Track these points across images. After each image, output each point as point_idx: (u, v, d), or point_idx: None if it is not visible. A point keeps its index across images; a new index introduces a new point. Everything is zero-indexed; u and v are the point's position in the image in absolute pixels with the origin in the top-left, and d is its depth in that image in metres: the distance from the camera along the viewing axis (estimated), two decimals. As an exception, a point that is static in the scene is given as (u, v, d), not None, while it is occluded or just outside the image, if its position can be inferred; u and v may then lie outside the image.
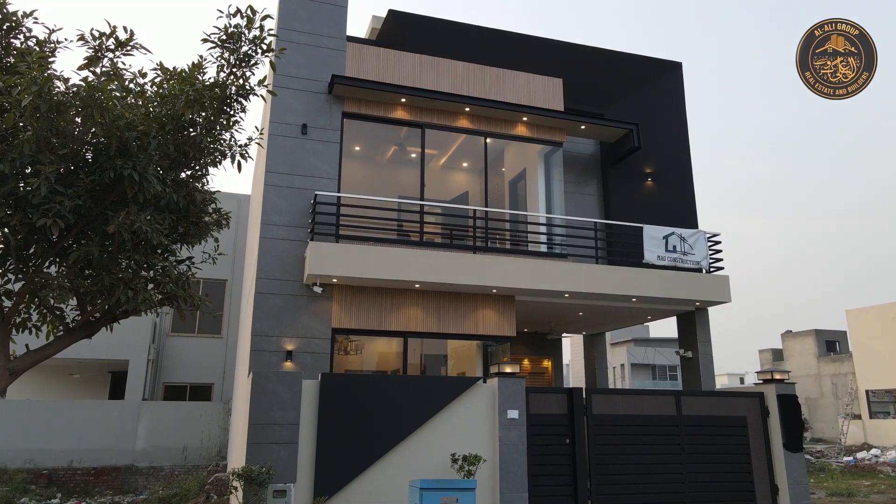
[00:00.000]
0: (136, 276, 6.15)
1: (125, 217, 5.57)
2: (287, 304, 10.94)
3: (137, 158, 5.67)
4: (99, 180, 5.78)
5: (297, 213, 11.35)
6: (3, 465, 17.62)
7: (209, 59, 6.43)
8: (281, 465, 8.52)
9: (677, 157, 14.60)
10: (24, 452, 17.96)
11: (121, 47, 5.85)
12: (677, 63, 15.04)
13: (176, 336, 21.32)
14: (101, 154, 5.71)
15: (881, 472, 19.86)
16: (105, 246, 5.95)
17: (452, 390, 9.44)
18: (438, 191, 14.59)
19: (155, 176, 5.74)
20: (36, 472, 17.78)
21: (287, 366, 10.67)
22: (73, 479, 18.28)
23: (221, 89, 6.37)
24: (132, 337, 19.11)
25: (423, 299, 11.65)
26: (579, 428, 9.92)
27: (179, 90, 6.26)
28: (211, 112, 6.38)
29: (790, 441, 10.83)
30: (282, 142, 11.56)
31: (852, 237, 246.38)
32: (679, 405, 10.66)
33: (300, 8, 12.22)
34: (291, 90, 11.80)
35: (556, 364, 16.09)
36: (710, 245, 13.14)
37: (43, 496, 16.73)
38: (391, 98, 12.27)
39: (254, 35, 6.45)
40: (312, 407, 8.86)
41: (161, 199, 6.10)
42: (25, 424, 18.20)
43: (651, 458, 10.25)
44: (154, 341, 20.40)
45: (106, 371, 22.26)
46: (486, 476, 9.07)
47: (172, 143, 6.21)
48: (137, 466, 18.68)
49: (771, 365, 48.13)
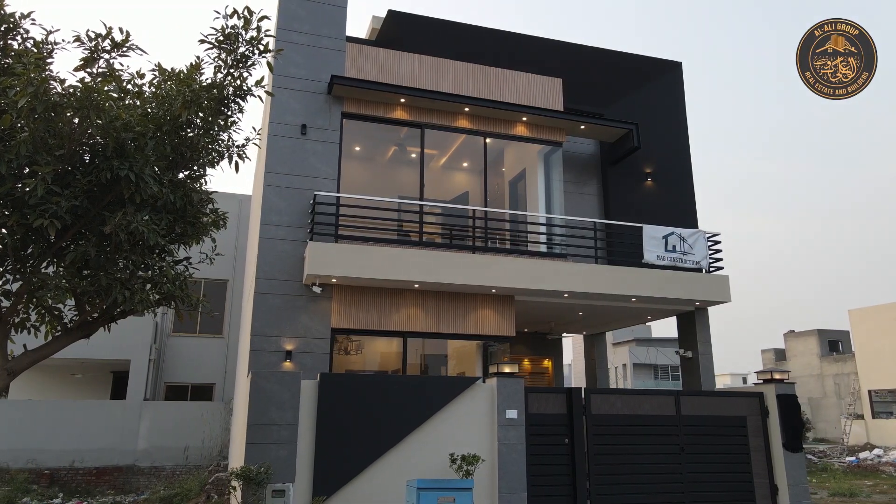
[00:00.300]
0: (132, 276, 6.16)
1: (121, 218, 5.59)
2: (286, 304, 10.95)
3: (134, 159, 5.69)
4: (96, 181, 5.80)
5: (297, 213, 11.36)
6: (5, 464, 17.66)
7: (206, 61, 6.44)
8: (280, 465, 8.54)
9: (677, 156, 14.59)
10: (26, 452, 18.00)
11: (116, 48, 5.86)
12: (677, 63, 15.03)
13: (177, 336, 21.36)
14: (98, 155, 5.72)
15: (884, 473, 19.82)
16: (102, 246, 5.97)
17: (451, 390, 9.45)
18: (438, 191, 14.59)
19: (151, 176, 5.75)
20: (38, 472, 17.81)
21: (286, 366, 10.68)
22: (74, 478, 18.32)
23: (219, 90, 6.38)
24: (134, 337, 19.16)
25: (422, 299, 11.65)
26: (578, 428, 9.92)
27: (177, 91, 6.27)
28: (208, 113, 6.39)
29: (790, 441, 10.82)
30: (281, 142, 11.58)
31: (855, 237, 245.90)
32: (678, 405, 10.65)
33: (299, 8, 12.23)
34: (291, 90, 11.82)
35: (557, 364, 16.07)
36: (710, 245, 13.12)
37: (45, 496, 16.77)
38: (390, 98, 12.28)
39: (251, 36, 6.47)
40: (311, 407, 8.88)
41: (158, 200, 6.11)
42: (27, 424, 18.24)
43: (650, 458, 10.25)
44: (156, 341, 20.44)
45: (108, 371, 22.31)
46: (485, 476, 9.08)
47: (169, 144, 6.22)
48: (139, 466, 18.71)
49: (774, 365, 48.01)
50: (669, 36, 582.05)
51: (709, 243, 13.09)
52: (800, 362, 37.82)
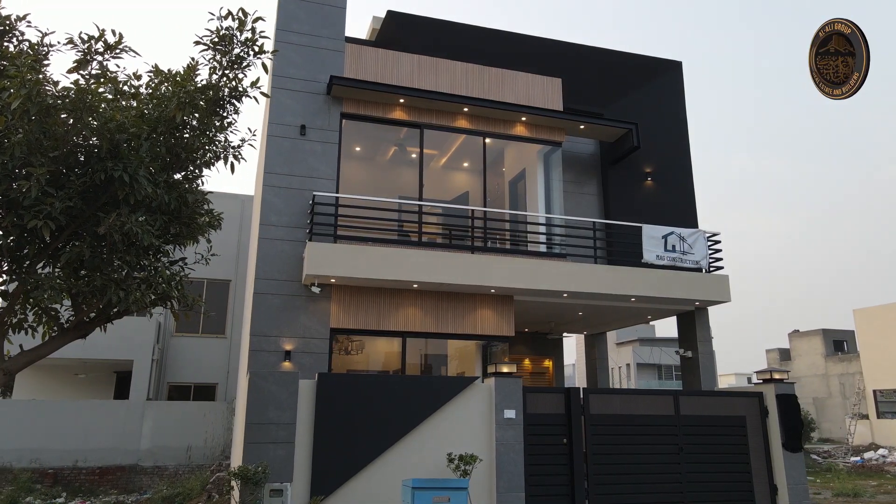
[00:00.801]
0: (128, 276, 6.19)
1: (115, 218, 5.62)
2: (286, 304, 10.98)
3: (128, 160, 5.72)
4: (90, 182, 5.83)
5: (296, 213, 11.39)
6: (8, 464, 17.77)
7: (202, 62, 6.47)
8: (278, 465, 8.57)
9: (677, 156, 14.56)
10: (30, 452, 18.11)
11: (109, 50, 5.89)
12: (677, 62, 14.99)
13: (180, 336, 21.44)
14: (93, 156, 5.75)
15: (888, 473, 19.75)
16: (97, 247, 6.00)
17: (449, 390, 9.46)
18: (438, 191, 14.60)
19: (146, 178, 5.78)
20: (41, 472, 17.91)
21: (285, 366, 10.71)
22: (78, 478, 18.41)
23: (214, 91, 6.40)
24: (136, 337, 19.28)
25: (421, 299, 11.67)
26: (576, 428, 9.92)
27: (172, 93, 6.30)
28: (204, 114, 6.42)
29: (789, 441, 10.79)
30: (280, 143, 11.60)
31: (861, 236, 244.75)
32: (677, 405, 10.64)
33: (299, 9, 12.26)
34: (290, 91, 11.84)
35: (558, 364, 16.06)
36: (710, 245, 13.09)
37: (48, 495, 16.87)
38: (389, 98, 12.29)
39: (245, 37, 6.49)
40: (309, 407, 8.91)
41: (153, 201, 6.14)
42: (31, 424, 18.35)
43: (649, 458, 10.24)
44: (158, 341, 20.53)
45: (111, 371, 22.41)
46: (482, 475, 9.09)
47: (164, 146, 6.24)
48: (142, 466, 18.79)
49: (779, 365, 47.85)
50: (670, 34, 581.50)
51: (709, 243, 13.06)
52: (805, 362, 37.70)
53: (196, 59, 6.46)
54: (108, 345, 18.43)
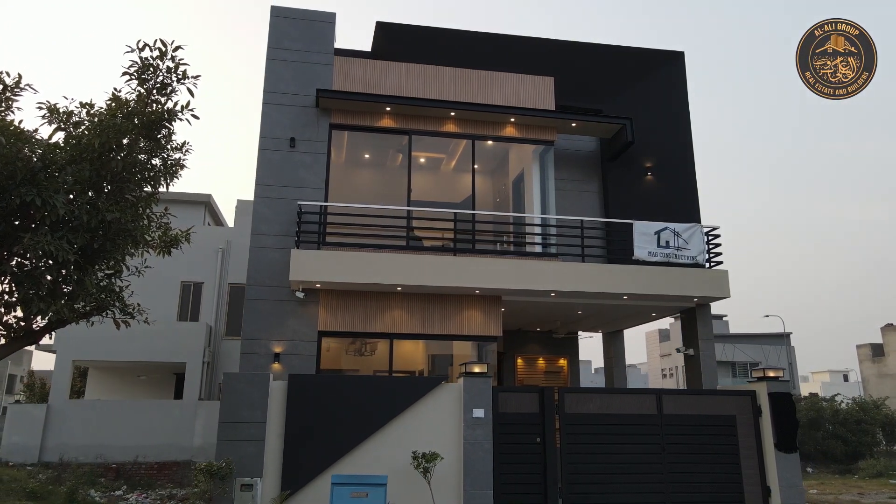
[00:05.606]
0: (54, 289, 6.85)
1: (30, 238, 6.26)
2: (275, 308, 11.56)
3: (42, 185, 6.34)
4: (8, 207, 6.50)
5: (285, 222, 11.95)
6: (75, 458, 19.41)
7: (127, 90, 7.06)
8: (249, 461, 9.12)
9: (679, 149, 14.10)
10: (95, 448, 19.73)
11: (7, 90, 6.56)
12: (679, 53, 14.49)
13: (229, 340, 22.67)
14: (9, 182, 6.40)
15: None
16: (20, 264, 6.68)
17: (418, 390, 9.74)
18: (432, 195, 14.82)
19: (60, 201, 6.37)
20: (105, 466, 19.45)
21: (275, 367, 11.29)
22: (138, 472, 19.85)
23: (139, 117, 6.97)
24: (188, 341, 20.65)
25: (407, 302, 11.96)
26: (550, 427, 9.95)
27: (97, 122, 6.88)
28: (132, 139, 6.99)
29: (782, 441, 10.39)
30: (271, 156, 12.21)
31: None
32: (660, 404, 10.44)
33: (290, 27, 12.84)
34: (280, 106, 12.43)
35: (573, 362, 15.92)
36: (710, 239, 12.66)
37: (109, 488, 18.31)
38: (376, 108, 12.65)
39: (167, 66, 7.02)
40: (280, 406, 9.41)
41: (70, 221, 6.75)
42: (96, 422, 19.98)
43: (629, 458, 10.14)
44: (209, 344, 21.82)
45: (171, 373, 23.98)
46: (451, 473, 9.32)
47: (90, 170, 6.85)
48: (195, 461, 20.03)
49: (871, 362, 44.95)
50: (673, 28, 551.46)
51: (708, 238, 12.64)
52: None
53: (120, 88, 7.06)
54: (163, 348, 19.94)
